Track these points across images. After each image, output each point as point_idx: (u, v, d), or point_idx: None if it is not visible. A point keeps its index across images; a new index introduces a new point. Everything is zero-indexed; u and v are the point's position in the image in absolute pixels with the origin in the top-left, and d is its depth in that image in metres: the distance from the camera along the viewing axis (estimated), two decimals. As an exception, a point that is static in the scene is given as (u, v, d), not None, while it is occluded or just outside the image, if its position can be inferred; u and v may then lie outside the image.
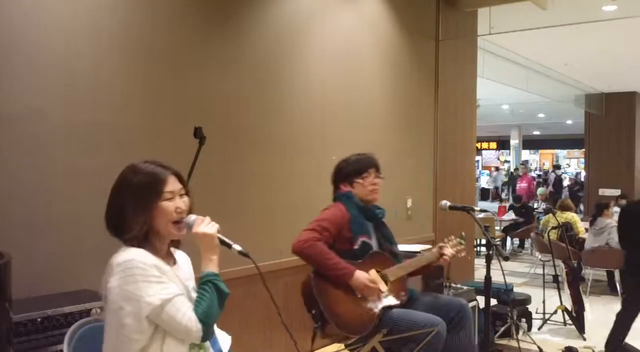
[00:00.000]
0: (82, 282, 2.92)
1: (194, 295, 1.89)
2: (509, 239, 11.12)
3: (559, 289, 5.95)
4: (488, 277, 3.14)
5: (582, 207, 14.83)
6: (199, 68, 3.58)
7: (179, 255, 2.04)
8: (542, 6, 6.08)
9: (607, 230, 7.40)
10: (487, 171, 27.23)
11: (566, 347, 5.01)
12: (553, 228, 7.58)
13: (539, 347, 4.83)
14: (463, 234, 3.43)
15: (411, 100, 5.58)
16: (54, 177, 2.87)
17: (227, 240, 1.99)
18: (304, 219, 3.18)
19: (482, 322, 4.33)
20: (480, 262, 7.12)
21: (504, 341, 5.18)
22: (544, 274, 6.47)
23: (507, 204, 12.96)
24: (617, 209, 10.70)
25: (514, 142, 24.07)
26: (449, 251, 3.28)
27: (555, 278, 6.20)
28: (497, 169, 24.35)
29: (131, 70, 3.22)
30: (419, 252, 3.97)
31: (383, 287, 3.04)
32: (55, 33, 2.88)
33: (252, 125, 3.94)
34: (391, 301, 3.07)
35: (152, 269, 1.76)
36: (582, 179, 17.68)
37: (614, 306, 6.95)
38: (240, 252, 1.95)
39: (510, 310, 5.24)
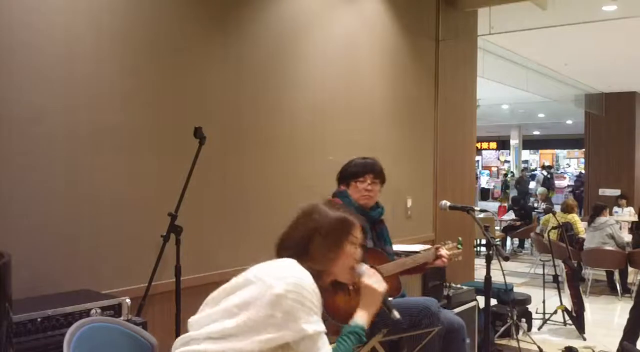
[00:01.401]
0: (82, 282, 2.92)
1: None
2: (509, 239, 11.13)
3: (559, 289, 5.96)
4: (488, 277, 3.14)
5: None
6: (200, 68, 3.58)
7: None
8: (542, 6, 6.08)
9: (607, 225, 7.41)
10: (487, 171, 27.23)
11: (566, 347, 5.01)
12: (553, 228, 7.59)
13: (539, 347, 4.84)
14: (460, 239, 3.44)
15: (411, 100, 5.58)
16: (54, 177, 2.87)
17: (389, 303, 2.04)
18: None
19: (482, 322, 4.33)
20: (480, 262, 7.12)
21: (504, 341, 5.18)
22: (544, 274, 6.48)
23: (507, 204, 12.97)
24: (617, 209, 10.73)
25: (514, 142, 24.06)
26: (444, 252, 3.29)
27: (555, 278, 6.21)
28: (544, 167, 23.84)
29: (131, 70, 3.22)
30: (418, 252, 3.97)
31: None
32: (56, 33, 2.88)
33: (252, 125, 3.94)
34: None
35: (316, 299, 1.78)
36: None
37: (614, 306, 6.96)
38: (396, 320, 2.03)
39: (510, 310, 5.25)
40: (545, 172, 20.31)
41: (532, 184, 16.32)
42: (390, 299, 2.02)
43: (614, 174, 13.12)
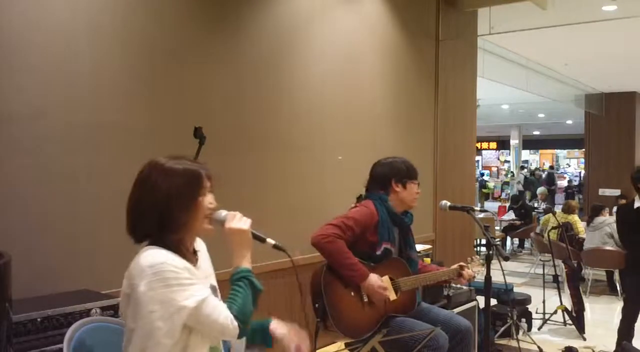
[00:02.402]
0: (82, 282, 2.92)
1: (217, 294, 1.88)
2: (509, 239, 11.13)
3: (559, 289, 5.95)
4: (488, 277, 3.14)
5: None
6: (199, 68, 3.58)
7: (200, 247, 2.01)
8: (542, 6, 6.08)
9: (605, 225, 7.41)
10: (487, 171, 27.23)
11: (566, 347, 5.01)
12: (553, 228, 7.59)
13: (539, 347, 4.83)
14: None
15: (411, 100, 5.58)
16: (54, 177, 2.87)
17: (260, 234, 1.98)
18: (303, 219, 3.19)
19: (482, 322, 4.33)
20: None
21: (504, 341, 5.18)
22: (544, 274, 6.48)
23: (507, 204, 12.97)
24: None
25: (514, 142, 24.06)
26: (468, 273, 3.25)
27: (555, 278, 6.20)
28: (522, 168, 23.97)
29: (131, 70, 3.22)
30: (418, 252, 3.96)
31: (392, 296, 3.02)
32: (55, 33, 2.88)
33: (252, 125, 3.94)
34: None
35: (183, 271, 1.73)
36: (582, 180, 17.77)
37: (614, 306, 6.95)
38: (274, 246, 1.95)
39: (510, 310, 5.25)
40: (526, 172, 20.66)
41: (540, 190, 16.43)
42: (257, 232, 2.00)
43: (614, 174, 13.12)
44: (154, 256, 1.74)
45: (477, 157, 21.47)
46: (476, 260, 3.34)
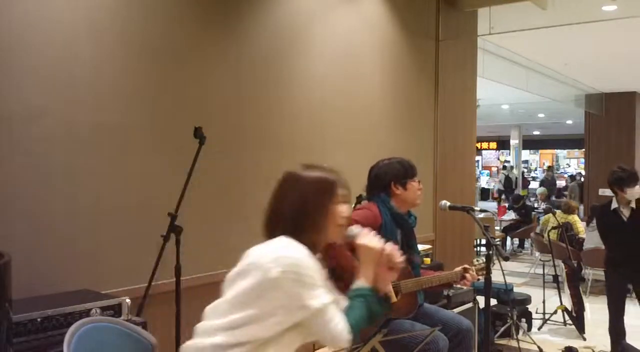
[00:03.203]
0: (82, 282, 2.92)
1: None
2: (509, 239, 11.13)
3: (559, 289, 5.96)
4: (488, 277, 3.14)
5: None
6: (199, 68, 3.58)
7: None
8: (542, 6, 6.08)
9: None
10: (487, 171, 27.24)
11: (566, 347, 5.01)
12: (553, 228, 7.59)
13: (539, 347, 4.83)
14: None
15: (411, 100, 5.58)
16: (54, 177, 2.87)
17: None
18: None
19: (482, 322, 4.33)
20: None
21: (504, 341, 5.18)
22: (544, 274, 6.48)
23: (507, 204, 12.97)
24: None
25: (514, 142, 24.06)
26: (472, 276, 3.24)
27: (555, 278, 6.21)
28: (504, 167, 24.18)
29: (131, 70, 3.22)
30: (418, 254, 3.96)
31: (393, 298, 3.02)
32: (55, 33, 2.88)
33: (252, 125, 3.95)
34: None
35: (315, 272, 1.77)
36: (582, 180, 17.80)
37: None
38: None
39: (510, 310, 5.25)
40: (506, 173, 21.00)
41: (539, 190, 16.69)
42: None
43: (613, 174, 13.10)
44: (294, 249, 1.78)
45: (477, 157, 21.52)
46: (480, 263, 3.32)
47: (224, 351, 1.75)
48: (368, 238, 1.96)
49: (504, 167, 22.45)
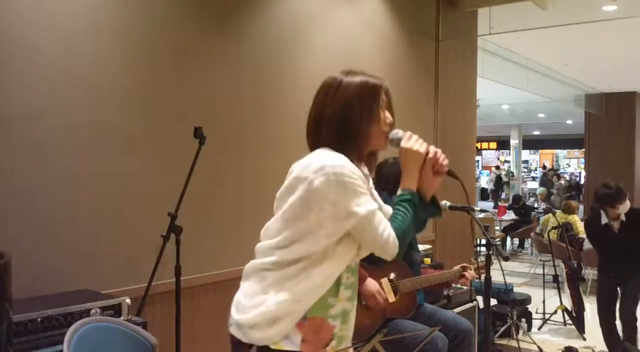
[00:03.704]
0: (82, 282, 2.92)
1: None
2: (509, 239, 11.13)
3: (559, 289, 5.96)
4: (488, 277, 3.14)
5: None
6: (199, 68, 3.58)
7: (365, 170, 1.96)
8: (542, 6, 6.08)
9: None
10: (487, 171, 27.23)
11: (566, 347, 5.01)
12: (553, 228, 7.59)
13: (539, 347, 4.83)
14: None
15: (411, 100, 5.58)
16: (53, 177, 2.87)
17: (451, 171, 1.97)
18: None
19: (482, 322, 4.33)
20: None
21: (504, 341, 5.18)
22: (544, 274, 6.48)
23: (507, 204, 12.97)
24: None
25: (514, 142, 24.07)
26: (471, 274, 3.24)
27: (555, 278, 6.21)
28: (497, 167, 24.32)
29: (131, 70, 3.22)
30: (418, 252, 3.96)
31: (391, 298, 3.01)
32: (55, 33, 2.88)
33: (253, 125, 3.94)
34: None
35: (359, 180, 1.72)
36: (581, 181, 17.85)
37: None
38: (449, 173, 1.95)
39: (510, 310, 5.25)
40: (497, 172, 21.17)
41: (539, 190, 16.91)
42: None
43: (614, 174, 13.11)
44: (335, 157, 1.73)
45: (477, 157, 21.52)
46: (479, 262, 3.33)
47: (282, 268, 1.74)
48: (412, 141, 1.87)
49: (497, 167, 22.63)
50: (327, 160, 1.72)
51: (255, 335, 1.78)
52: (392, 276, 3.02)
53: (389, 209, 1.85)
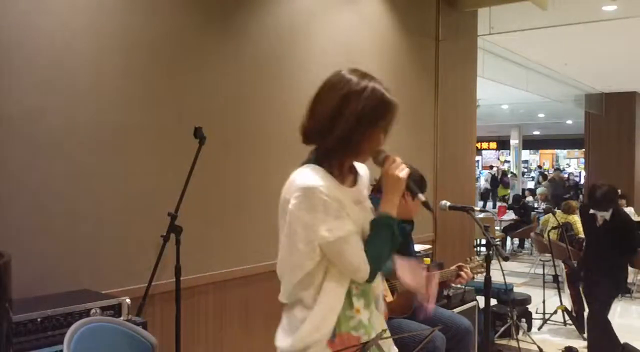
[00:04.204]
0: (82, 282, 2.92)
1: (371, 215, 1.82)
2: (509, 239, 11.13)
3: (559, 289, 5.96)
4: (488, 277, 3.14)
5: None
6: (199, 68, 3.58)
7: (361, 170, 1.92)
8: (542, 6, 6.08)
9: None
10: (487, 171, 27.24)
11: (566, 347, 5.02)
12: (553, 228, 7.59)
13: (539, 347, 4.84)
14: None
15: (411, 100, 5.57)
16: (53, 177, 2.87)
17: (414, 188, 1.91)
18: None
19: (482, 322, 4.33)
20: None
21: (504, 341, 5.18)
22: (544, 274, 6.48)
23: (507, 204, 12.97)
24: (617, 209, 10.71)
25: (514, 142, 24.08)
26: (467, 273, 3.24)
27: (555, 278, 6.21)
28: (491, 167, 24.36)
29: (131, 70, 3.22)
30: (418, 252, 3.96)
31: (389, 297, 3.02)
32: (55, 33, 2.88)
33: (253, 125, 3.94)
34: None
35: (333, 202, 1.69)
36: (580, 180, 17.87)
37: (614, 306, 6.95)
38: (424, 203, 1.89)
39: (510, 310, 5.25)
40: (493, 172, 21.30)
41: (539, 190, 17.02)
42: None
43: (614, 174, 13.11)
44: (308, 178, 1.71)
45: (477, 157, 21.53)
46: (475, 261, 3.33)
47: (296, 302, 1.77)
48: (394, 166, 1.81)
49: (491, 167, 22.73)
50: (301, 181, 1.71)
51: None
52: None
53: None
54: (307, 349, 1.74)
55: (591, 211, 4.92)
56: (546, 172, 24.00)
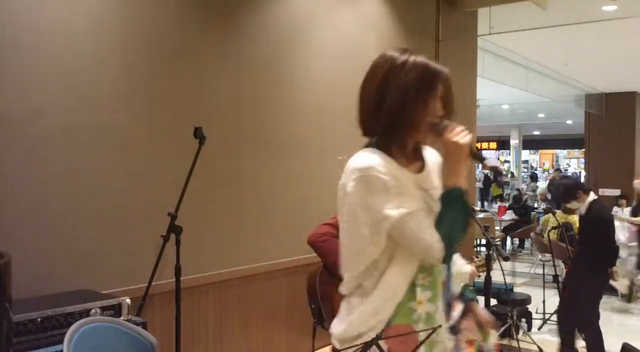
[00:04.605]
0: (82, 282, 2.92)
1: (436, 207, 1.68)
2: (509, 239, 11.12)
3: (559, 289, 5.95)
4: (488, 277, 3.14)
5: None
6: (199, 68, 3.58)
7: (431, 157, 1.81)
8: (542, 6, 6.08)
9: None
10: (487, 171, 27.23)
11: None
12: (553, 228, 7.58)
13: (539, 347, 4.83)
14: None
15: (411, 100, 5.57)
16: (53, 177, 2.87)
17: (479, 154, 1.79)
18: (304, 219, 3.19)
19: (482, 322, 4.33)
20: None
21: (504, 341, 5.18)
22: (544, 274, 6.48)
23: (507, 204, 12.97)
24: (617, 209, 10.72)
25: (514, 142, 24.07)
26: (474, 271, 3.24)
27: (555, 278, 6.20)
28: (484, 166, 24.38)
29: (131, 70, 3.22)
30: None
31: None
32: (56, 33, 2.88)
33: (252, 125, 3.94)
34: None
35: (391, 180, 1.60)
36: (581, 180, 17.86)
37: (614, 305, 6.96)
38: (492, 168, 1.81)
39: (510, 310, 5.25)
40: (487, 172, 21.43)
41: (539, 190, 17.10)
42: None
43: (614, 174, 13.11)
44: (364, 159, 1.64)
45: (477, 157, 21.50)
46: (477, 261, 3.33)
47: (356, 285, 1.68)
48: (454, 132, 1.69)
49: (484, 166, 22.89)
50: (357, 163, 1.64)
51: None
52: None
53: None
54: (360, 337, 1.64)
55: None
56: (536, 173, 24.03)
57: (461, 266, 1.94)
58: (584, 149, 14.87)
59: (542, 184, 18.51)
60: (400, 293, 1.64)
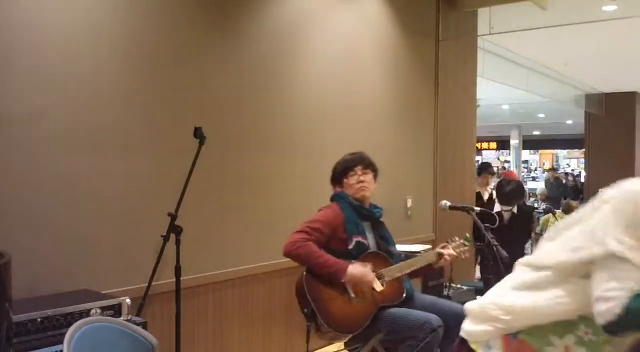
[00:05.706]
0: (82, 282, 2.92)
1: None
2: (509, 239, 11.09)
3: (558, 289, 5.95)
4: (488, 277, 3.14)
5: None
6: (199, 68, 3.58)
7: None
8: (542, 6, 6.08)
9: None
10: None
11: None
12: (553, 228, 7.57)
13: (539, 347, 4.83)
14: (468, 235, 3.42)
15: (411, 100, 5.58)
16: (54, 177, 2.87)
17: None
18: (303, 219, 3.19)
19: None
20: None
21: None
22: (544, 274, 6.45)
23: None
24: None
25: (514, 142, 24.06)
26: (449, 252, 3.27)
27: (555, 278, 6.20)
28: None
29: (131, 70, 3.22)
30: (418, 252, 3.97)
31: (379, 287, 3.03)
32: (56, 33, 2.88)
33: (252, 125, 3.95)
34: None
35: None
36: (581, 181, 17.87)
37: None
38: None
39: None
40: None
41: (539, 190, 17.04)
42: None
43: (614, 174, 13.07)
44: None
45: (477, 157, 21.57)
46: (456, 240, 3.35)
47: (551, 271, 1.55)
48: None
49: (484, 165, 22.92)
50: (630, 185, 1.60)
51: (464, 323, 1.60)
52: (369, 266, 3.04)
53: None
54: (483, 322, 1.53)
55: (497, 209, 5.07)
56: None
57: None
58: (584, 149, 14.86)
59: (541, 184, 18.51)
60: (545, 318, 1.50)
